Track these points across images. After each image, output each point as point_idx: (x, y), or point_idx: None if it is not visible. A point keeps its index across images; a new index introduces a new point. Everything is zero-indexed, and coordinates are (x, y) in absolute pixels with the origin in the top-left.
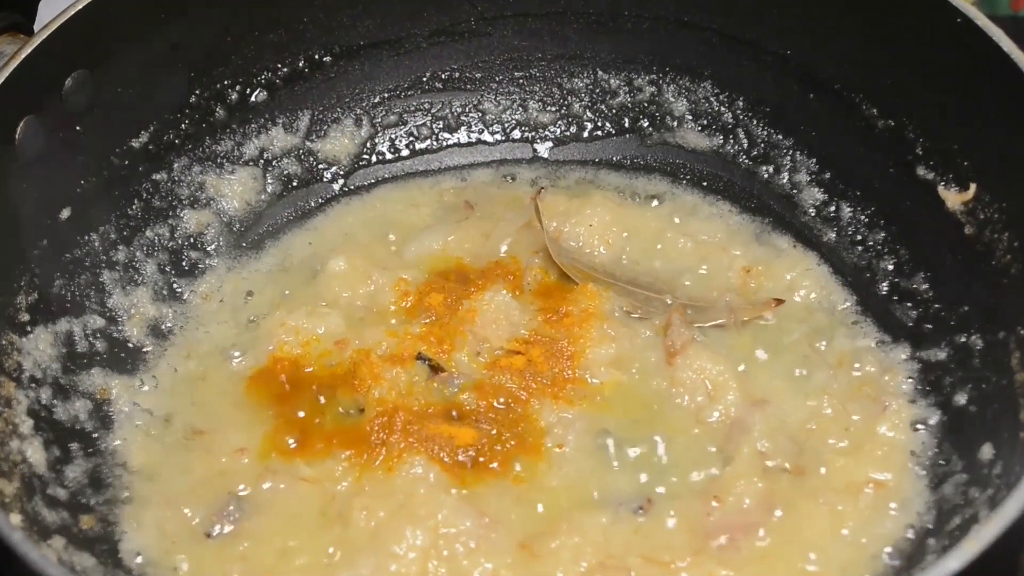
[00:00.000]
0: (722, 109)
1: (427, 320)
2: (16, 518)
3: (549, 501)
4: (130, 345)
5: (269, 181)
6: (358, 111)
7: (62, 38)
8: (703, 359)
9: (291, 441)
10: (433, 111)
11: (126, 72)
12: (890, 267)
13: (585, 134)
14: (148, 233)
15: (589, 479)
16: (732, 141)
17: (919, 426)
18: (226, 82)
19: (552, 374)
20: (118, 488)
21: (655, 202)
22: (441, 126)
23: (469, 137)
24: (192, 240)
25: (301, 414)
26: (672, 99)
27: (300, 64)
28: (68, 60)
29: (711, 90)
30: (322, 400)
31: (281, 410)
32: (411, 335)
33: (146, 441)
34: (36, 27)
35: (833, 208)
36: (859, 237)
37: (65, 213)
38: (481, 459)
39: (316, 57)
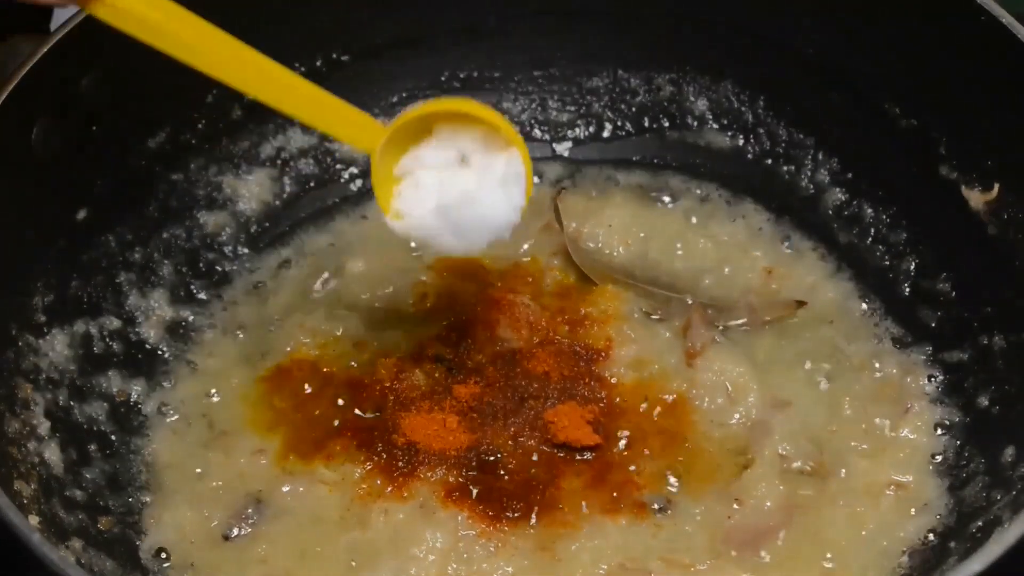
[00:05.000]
0: (743, 108)
1: (446, 322)
2: (34, 520)
3: (569, 503)
4: (147, 346)
5: (286, 182)
6: (376, 111)
7: (79, 37)
8: (723, 360)
9: (310, 443)
10: None
11: (142, 71)
12: (912, 268)
13: (605, 134)
14: (164, 234)
15: (609, 481)
16: (753, 140)
17: (941, 428)
18: None
19: (571, 376)
20: (136, 490)
21: (675, 202)
22: None
23: None
24: (209, 241)
25: (319, 416)
26: (692, 98)
27: (318, 64)
28: (85, 59)
29: (732, 89)
30: (340, 402)
31: (299, 412)
32: (430, 337)
33: (164, 443)
34: (52, 26)
35: (855, 208)
36: (881, 237)
37: (81, 214)
38: (500, 460)
39: (334, 56)
